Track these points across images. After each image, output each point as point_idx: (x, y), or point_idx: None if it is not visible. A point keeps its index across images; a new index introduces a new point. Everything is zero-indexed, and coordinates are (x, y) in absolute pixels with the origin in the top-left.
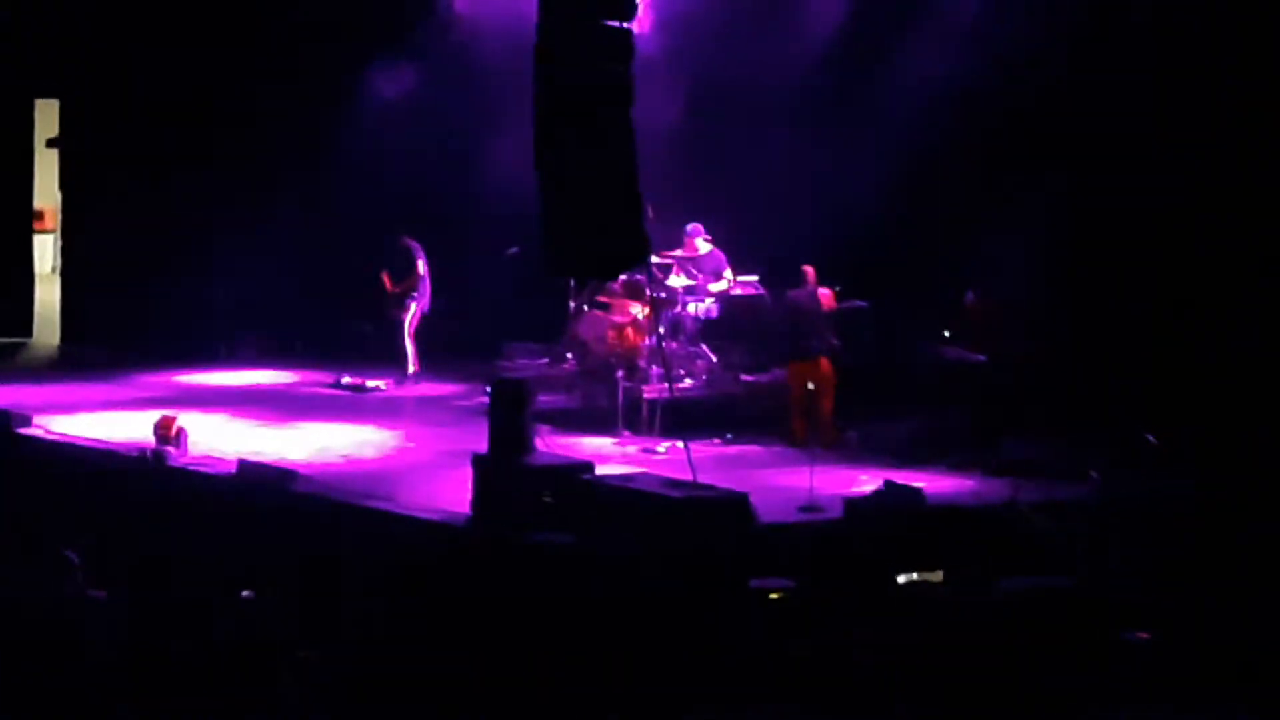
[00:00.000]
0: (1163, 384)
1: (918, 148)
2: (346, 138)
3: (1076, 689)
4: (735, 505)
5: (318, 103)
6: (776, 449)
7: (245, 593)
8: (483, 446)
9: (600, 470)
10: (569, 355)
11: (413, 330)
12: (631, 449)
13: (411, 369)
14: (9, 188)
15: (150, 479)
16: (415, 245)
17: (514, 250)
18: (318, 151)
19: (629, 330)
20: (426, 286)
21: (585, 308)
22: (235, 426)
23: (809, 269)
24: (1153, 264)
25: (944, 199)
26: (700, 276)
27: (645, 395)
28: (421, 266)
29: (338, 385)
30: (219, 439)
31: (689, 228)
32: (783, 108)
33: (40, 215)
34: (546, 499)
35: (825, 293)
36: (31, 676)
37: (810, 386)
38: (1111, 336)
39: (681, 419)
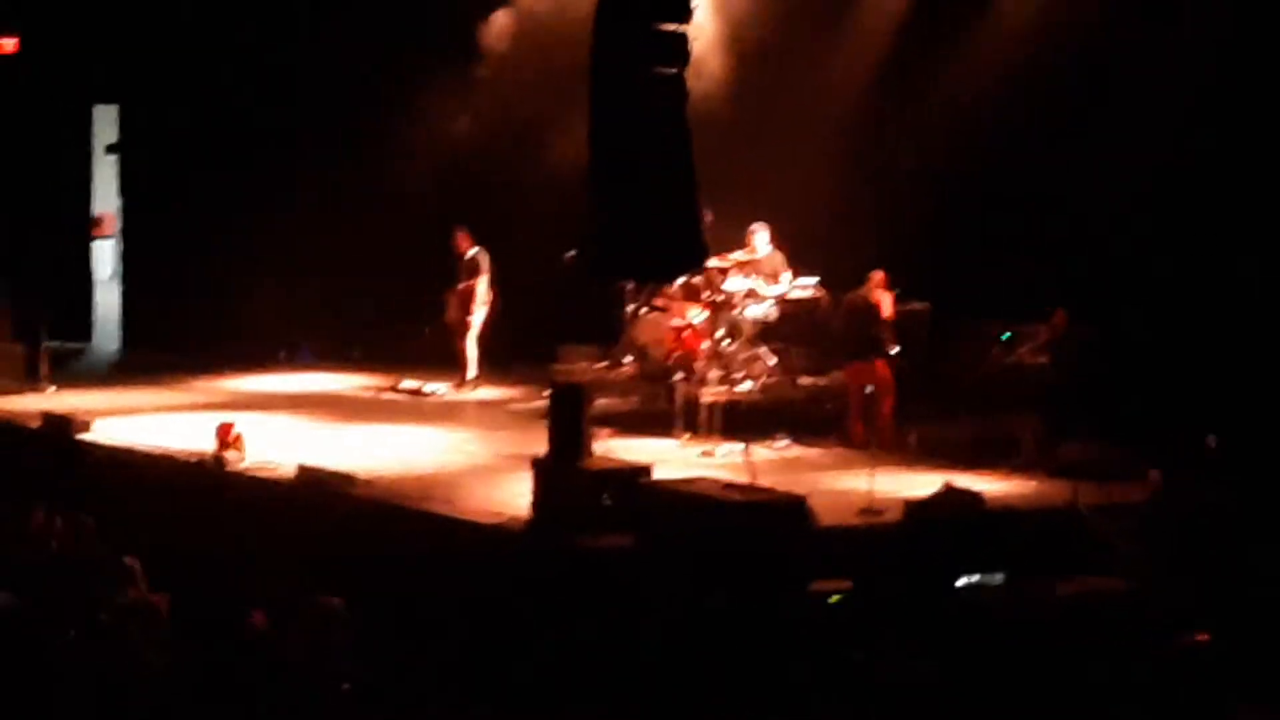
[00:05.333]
0: (1222, 386)
1: (977, 148)
2: (404, 141)
3: (1135, 691)
4: (794, 508)
5: (377, 107)
6: (835, 451)
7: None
8: (542, 450)
9: (659, 473)
10: (627, 358)
11: (478, 336)
12: (690, 452)
13: (473, 373)
14: (69, 193)
15: (210, 484)
16: (483, 253)
17: (572, 253)
18: (377, 156)
19: (687, 333)
20: (490, 293)
21: (643, 311)
22: (295, 431)
23: (879, 272)
24: (1215, 268)
25: (1006, 197)
26: (759, 278)
27: (704, 398)
28: (487, 275)
29: (397, 389)
30: (278, 443)
31: (753, 226)
32: (844, 104)
33: (100, 221)
34: (606, 502)
35: (886, 296)
36: (90, 682)
37: (869, 389)
38: (1172, 338)
39: (740, 422)
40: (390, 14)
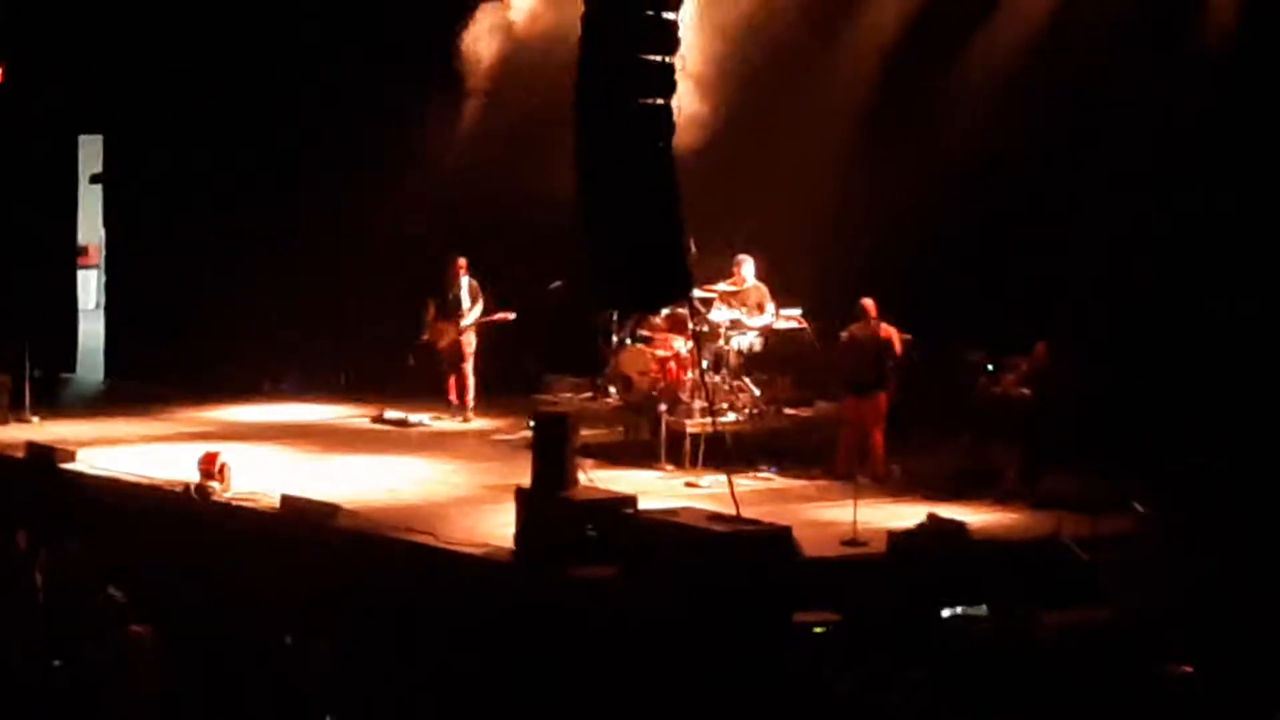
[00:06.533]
0: (1208, 415)
1: (961, 180)
2: (391, 172)
3: None
4: (778, 539)
5: (363, 136)
6: (820, 483)
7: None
8: (526, 480)
9: (643, 504)
10: (611, 389)
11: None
12: (674, 483)
13: (471, 402)
14: (53, 223)
15: (194, 514)
16: (475, 282)
17: (557, 284)
18: (362, 185)
19: (672, 364)
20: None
21: (628, 341)
22: (279, 461)
23: (869, 302)
24: (1201, 297)
25: (988, 228)
26: (744, 309)
27: (688, 429)
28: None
29: (381, 420)
30: (262, 473)
31: (740, 257)
32: (830, 136)
33: (84, 251)
34: (590, 533)
35: (890, 330)
36: (76, 712)
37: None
38: (1156, 368)
39: (724, 453)
40: (378, 46)
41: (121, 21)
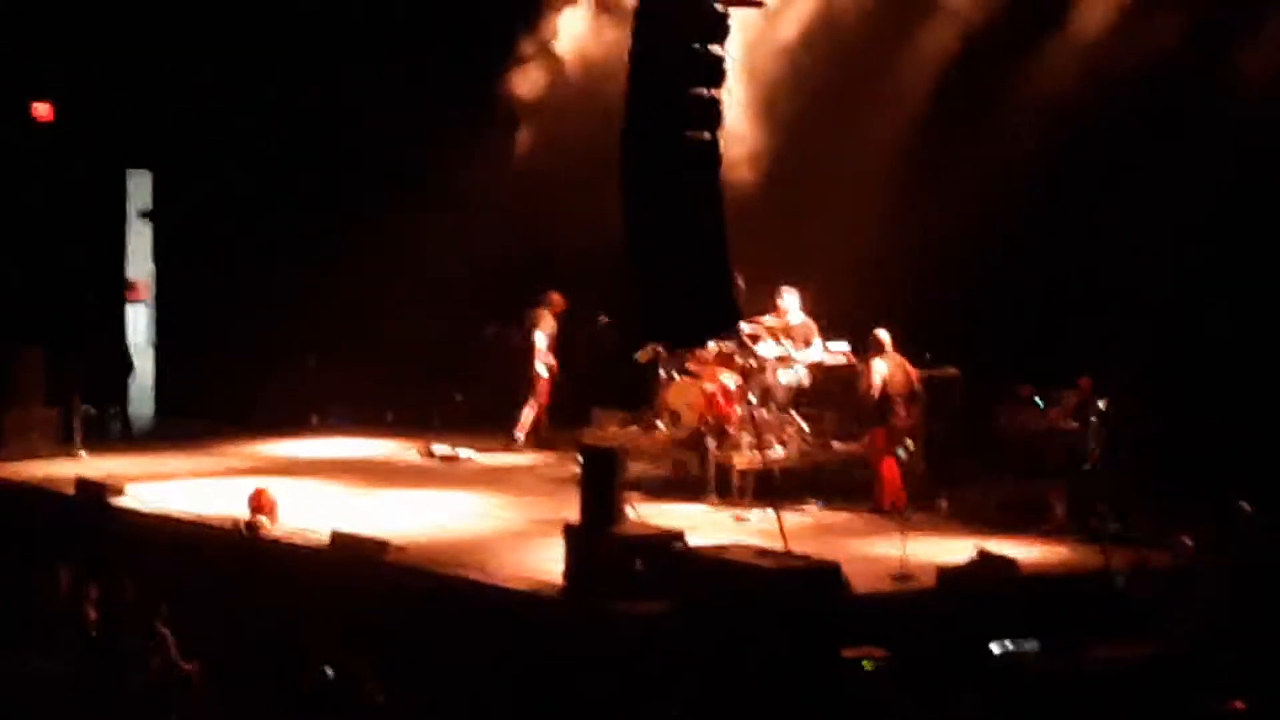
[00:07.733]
0: (1255, 449)
1: (1008, 214)
2: (439, 207)
3: None
4: (827, 574)
5: (412, 172)
6: (868, 516)
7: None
8: (574, 515)
9: (691, 539)
10: (659, 423)
11: None
12: (722, 517)
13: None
14: (103, 259)
15: (243, 550)
16: None
17: (604, 318)
18: (411, 220)
19: (719, 398)
20: None
21: (675, 375)
22: (328, 496)
23: (884, 334)
24: (1246, 331)
25: (1037, 262)
26: (791, 343)
27: (736, 463)
28: None
29: (429, 454)
30: (312, 509)
31: (781, 289)
32: (876, 169)
33: (133, 286)
34: (638, 568)
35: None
36: None
37: (902, 453)
38: (1203, 402)
39: (772, 487)
40: (427, 78)
41: (170, 58)
